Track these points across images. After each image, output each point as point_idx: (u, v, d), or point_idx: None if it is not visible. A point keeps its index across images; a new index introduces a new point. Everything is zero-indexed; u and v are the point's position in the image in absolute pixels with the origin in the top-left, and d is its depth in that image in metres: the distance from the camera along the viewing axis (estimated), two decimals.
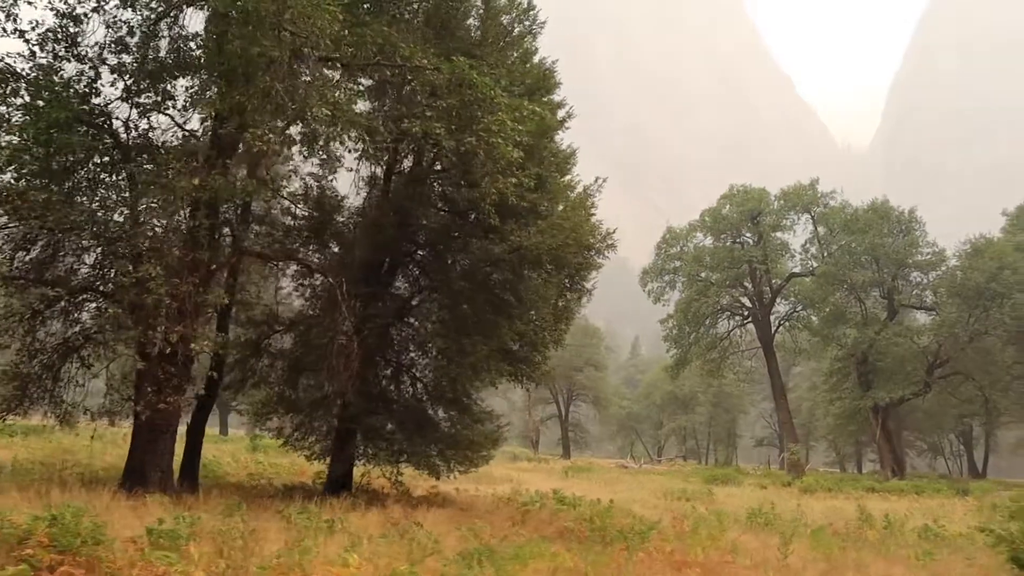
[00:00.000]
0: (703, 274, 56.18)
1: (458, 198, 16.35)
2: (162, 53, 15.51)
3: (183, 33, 15.81)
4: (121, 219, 12.37)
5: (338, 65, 13.76)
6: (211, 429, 62.17)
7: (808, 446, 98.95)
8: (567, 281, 19.53)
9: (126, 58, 15.63)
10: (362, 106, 16.82)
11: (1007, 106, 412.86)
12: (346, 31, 13.15)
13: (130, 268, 12.02)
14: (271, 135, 10.95)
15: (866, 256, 50.50)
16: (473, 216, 16.10)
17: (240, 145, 13.88)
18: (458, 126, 12.89)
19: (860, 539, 16.64)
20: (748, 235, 55.77)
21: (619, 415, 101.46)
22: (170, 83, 15.46)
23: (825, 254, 53.53)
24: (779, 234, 56.29)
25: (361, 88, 14.93)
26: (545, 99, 19.92)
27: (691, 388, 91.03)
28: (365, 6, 14.70)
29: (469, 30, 17.86)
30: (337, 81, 14.50)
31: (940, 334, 47.55)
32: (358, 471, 19.23)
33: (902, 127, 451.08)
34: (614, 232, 20.19)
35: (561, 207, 18.91)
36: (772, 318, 57.93)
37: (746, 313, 58.10)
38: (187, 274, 12.28)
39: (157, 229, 12.53)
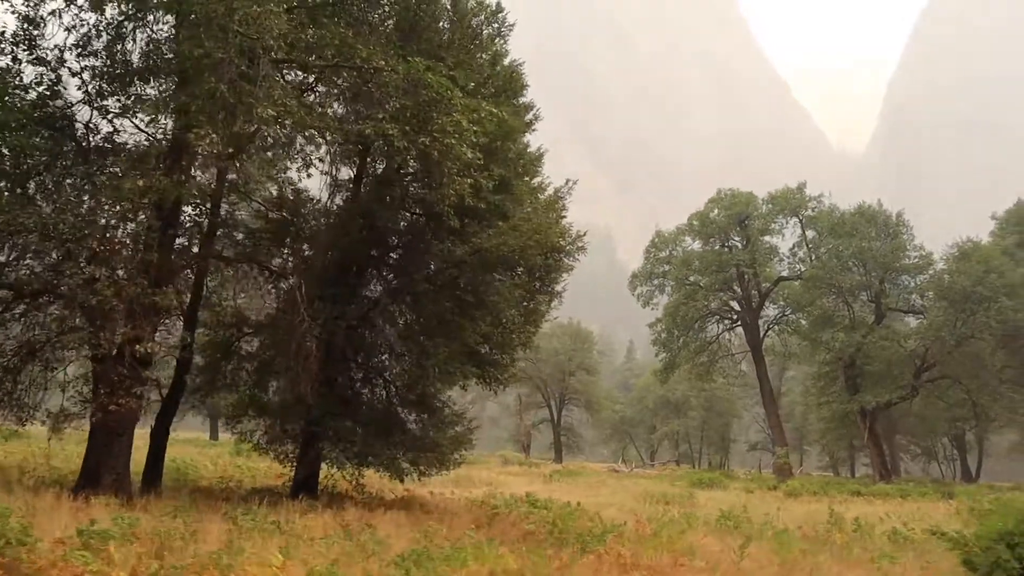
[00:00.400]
0: (691, 278, 56.19)
1: (423, 200, 16.32)
2: (133, 57, 15.50)
3: (153, 37, 15.79)
4: (74, 220, 12.29)
5: (294, 67, 13.73)
6: (201, 434, 62.10)
7: (802, 450, 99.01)
8: (536, 283, 19.52)
9: (92, 61, 15.62)
10: (339, 110, 16.81)
11: (1002, 110, 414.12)
12: (306, 33, 13.15)
13: (80, 269, 11.97)
14: (213, 135, 10.91)
15: (853, 260, 50.52)
16: (437, 218, 16.07)
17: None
18: (413, 127, 12.86)
19: (827, 542, 16.58)
20: (736, 239, 55.77)
21: (612, 419, 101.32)
22: (139, 87, 15.44)
23: (813, 258, 53.56)
24: (768, 238, 56.30)
25: (320, 91, 14.86)
26: (516, 101, 19.97)
27: (683, 392, 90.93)
28: (328, 9, 14.69)
29: (438, 33, 17.84)
30: (300, 83, 14.52)
31: (927, 337, 47.54)
32: (333, 475, 19.17)
33: (897, 131, 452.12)
34: (584, 235, 20.20)
35: (529, 209, 18.91)
36: (761, 322, 57.92)
37: (735, 317, 58.09)
38: (136, 276, 12.21)
39: (111, 231, 12.46)
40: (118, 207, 11.78)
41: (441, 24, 17.98)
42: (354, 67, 13.78)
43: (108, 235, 11.84)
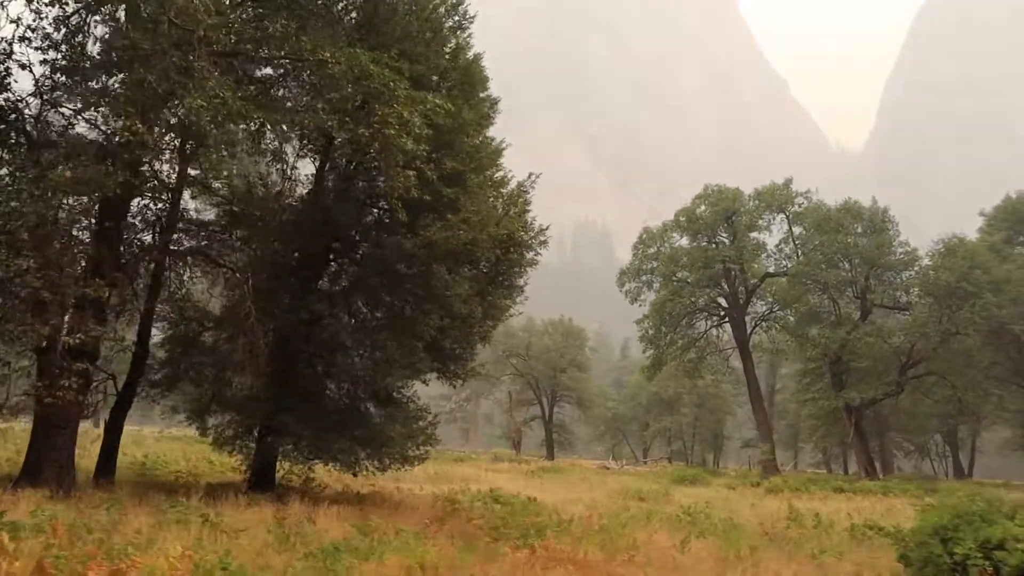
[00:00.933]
0: (679, 274, 56.07)
1: (375, 194, 16.22)
2: (88, 49, 15.41)
3: (103, 30, 15.68)
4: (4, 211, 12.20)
5: (244, 60, 13.64)
6: (190, 430, 61.99)
7: (797, 447, 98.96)
8: (499, 278, 19.44)
9: (49, 55, 15.53)
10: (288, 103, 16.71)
11: (999, 108, 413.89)
12: (249, 26, 13.06)
13: (11, 260, 11.90)
14: (139, 126, 10.83)
15: (839, 256, 50.45)
16: (389, 212, 16.00)
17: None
18: (353, 119, 12.77)
19: (783, 538, 16.50)
20: (723, 235, 55.62)
21: (605, 416, 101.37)
22: (87, 81, 15.34)
23: (800, 254, 53.45)
24: (755, 234, 56.17)
25: (266, 83, 14.72)
26: (478, 95, 19.89)
27: (675, 390, 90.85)
28: (275, 2, 14.60)
29: (396, 25, 17.73)
30: (247, 76, 14.42)
31: (911, 333, 47.45)
32: (293, 469, 19.10)
33: (895, 130, 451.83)
34: (546, 228, 20.12)
35: (492, 201, 18.81)
36: (748, 318, 57.84)
37: (723, 313, 57.97)
38: (64, 267, 12.15)
39: (44, 222, 12.36)
40: (41, 198, 11.67)
41: (400, 17, 17.88)
42: (300, 59, 13.70)
43: (37, 227, 11.76)
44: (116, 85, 12.09)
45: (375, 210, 17.29)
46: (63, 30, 14.59)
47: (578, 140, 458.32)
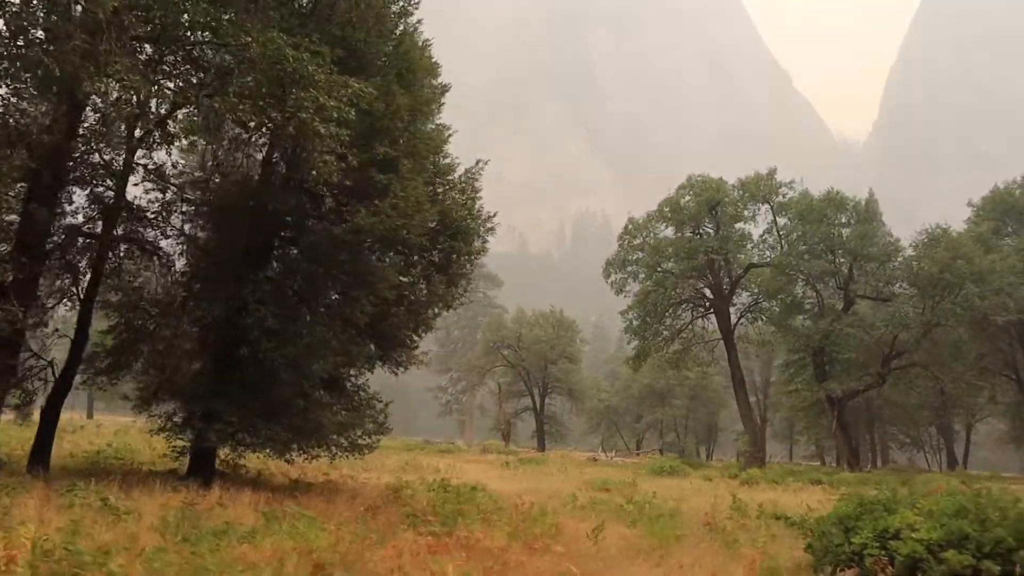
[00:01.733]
0: (663, 265, 55.84)
1: (304, 180, 16.12)
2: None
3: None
4: None
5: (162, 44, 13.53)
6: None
7: (792, 439, 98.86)
8: (446, 265, 19.33)
9: None
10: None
11: (1002, 100, 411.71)
12: (165, 11, 12.95)
13: None
14: (31, 108, 10.75)
15: (821, 246, 50.25)
16: (318, 198, 15.91)
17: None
18: (267, 103, 12.67)
19: (720, 528, 16.41)
20: (708, 225, 55.30)
21: (599, 408, 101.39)
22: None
23: (783, 244, 53.20)
24: (741, 224, 55.85)
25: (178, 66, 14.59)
26: (426, 82, 19.75)
27: (667, 382, 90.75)
28: None
29: (338, 10, 17.58)
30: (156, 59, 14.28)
31: (892, 324, 47.24)
32: (239, 456, 19.08)
33: (898, 121, 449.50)
34: (494, 216, 20.01)
35: (440, 189, 18.70)
36: (734, 309, 57.62)
37: (708, 304, 57.73)
38: None
39: None
40: None
41: (343, 1, 17.72)
42: (223, 44, 13.59)
43: None
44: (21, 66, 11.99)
45: (308, 197, 17.18)
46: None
47: (579, 131, 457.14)
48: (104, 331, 19.25)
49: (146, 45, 13.08)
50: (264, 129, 14.69)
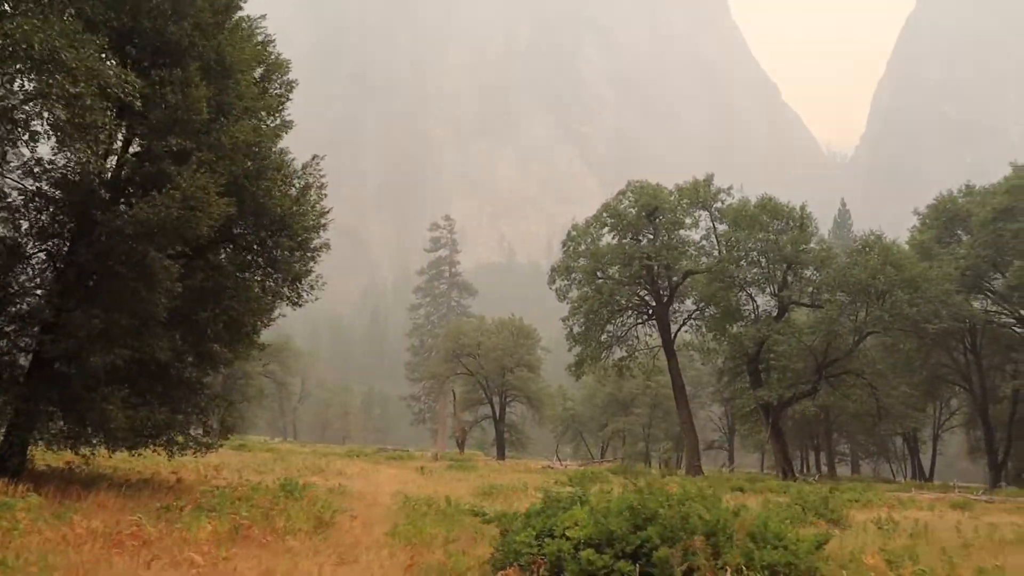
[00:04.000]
0: (606, 271, 55.51)
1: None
2: None
3: None
4: None
5: None
6: None
7: (763, 449, 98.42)
8: (281, 262, 19.01)
9: None
10: None
11: (988, 113, 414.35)
12: None
13: None
14: None
15: (756, 252, 50.06)
16: (98, 191, 15.62)
17: None
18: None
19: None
20: (647, 231, 54.99)
21: (564, 416, 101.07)
22: None
23: (721, 251, 52.98)
24: (683, 232, 55.50)
25: None
26: (285, 78, 19.59)
27: (630, 391, 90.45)
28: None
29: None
30: None
31: (819, 331, 47.02)
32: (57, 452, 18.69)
33: (886, 134, 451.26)
34: (328, 212, 19.75)
35: (265, 185, 18.39)
36: (676, 316, 57.35)
37: (650, 312, 57.41)
38: None
39: None
40: None
41: None
42: None
43: None
44: None
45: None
46: None
47: (569, 141, 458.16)
48: None
49: None
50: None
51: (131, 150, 16.50)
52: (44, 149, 16.71)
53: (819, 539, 9.18)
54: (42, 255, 16.56)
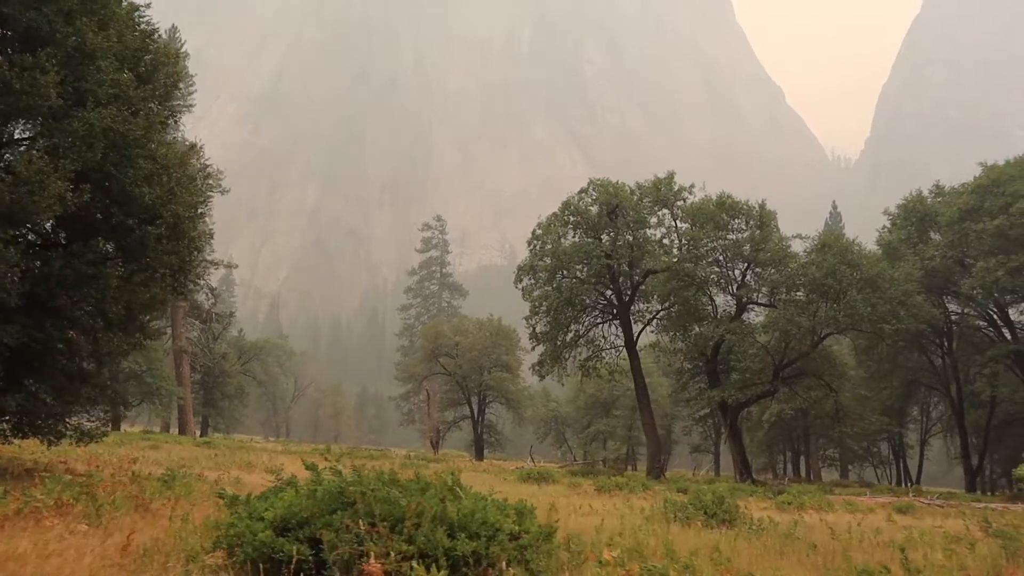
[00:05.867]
0: (569, 270, 55.05)
1: None
2: None
3: None
4: None
5: None
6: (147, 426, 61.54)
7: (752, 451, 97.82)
8: (151, 252, 18.86)
9: None
10: None
11: (992, 116, 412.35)
12: None
13: None
14: None
15: (715, 251, 49.67)
16: None
17: None
18: None
19: None
20: (608, 230, 54.53)
21: (545, 417, 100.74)
22: None
23: (681, 250, 52.52)
24: (648, 230, 55.04)
25: None
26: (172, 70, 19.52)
27: (611, 392, 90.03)
28: None
29: None
30: None
31: (771, 331, 46.59)
32: None
33: (890, 137, 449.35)
34: (207, 203, 19.59)
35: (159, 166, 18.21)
36: (641, 316, 56.89)
37: (614, 312, 56.96)
38: None
39: None
40: None
41: None
42: None
43: None
44: None
45: None
46: None
47: (572, 143, 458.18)
48: None
49: None
50: None
51: None
52: None
53: (545, 530, 8.91)
54: None
